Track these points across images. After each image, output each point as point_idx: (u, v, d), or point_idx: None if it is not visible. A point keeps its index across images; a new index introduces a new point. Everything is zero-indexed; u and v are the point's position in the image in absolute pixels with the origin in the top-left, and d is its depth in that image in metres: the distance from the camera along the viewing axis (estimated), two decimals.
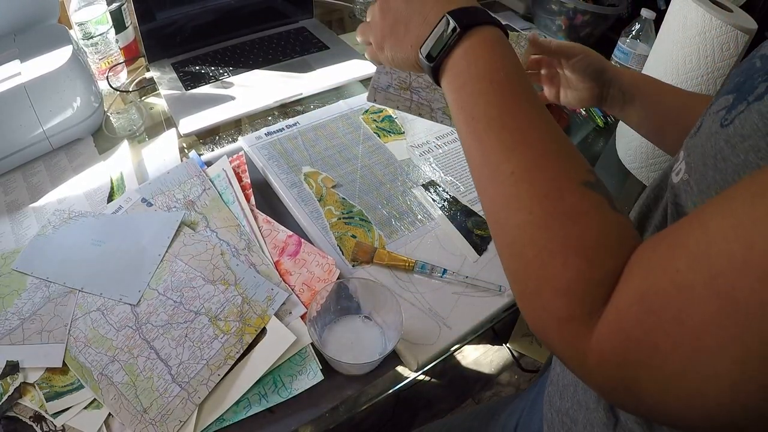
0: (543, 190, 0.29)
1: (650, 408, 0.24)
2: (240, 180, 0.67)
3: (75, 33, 0.80)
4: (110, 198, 0.66)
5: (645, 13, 0.87)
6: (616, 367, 0.24)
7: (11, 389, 0.47)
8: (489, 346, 1.45)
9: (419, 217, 0.66)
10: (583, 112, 0.90)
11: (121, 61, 0.87)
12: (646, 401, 0.23)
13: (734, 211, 0.21)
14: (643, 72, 0.75)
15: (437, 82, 0.38)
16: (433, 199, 0.68)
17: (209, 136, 0.78)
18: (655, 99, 0.55)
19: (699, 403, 0.21)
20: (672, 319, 0.22)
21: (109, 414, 0.47)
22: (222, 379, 0.49)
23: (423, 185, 0.70)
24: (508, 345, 1.43)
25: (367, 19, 0.46)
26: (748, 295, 0.20)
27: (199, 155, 0.72)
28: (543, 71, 0.63)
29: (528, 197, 0.30)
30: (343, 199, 0.67)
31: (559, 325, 0.27)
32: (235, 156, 0.70)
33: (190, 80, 0.85)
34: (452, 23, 0.35)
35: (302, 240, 0.61)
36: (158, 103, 0.84)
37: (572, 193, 0.29)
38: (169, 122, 0.80)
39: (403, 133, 0.78)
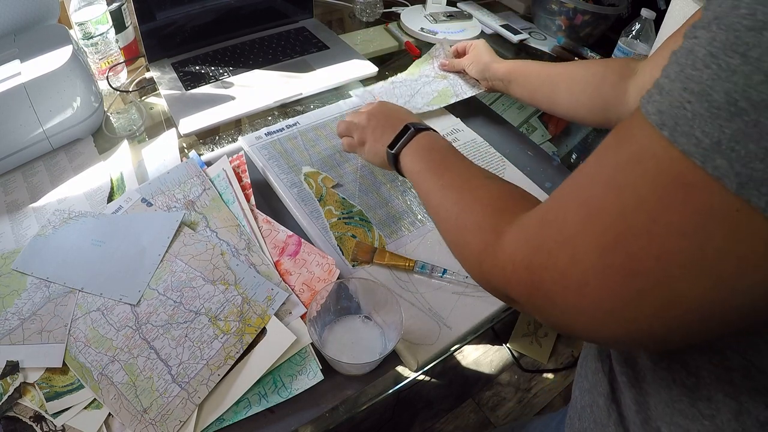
0: (458, 185, 0.45)
1: (558, 310, 0.29)
2: (240, 180, 0.67)
3: (75, 33, 0.80)
4: (110, 198, 0.66)
5: (645, 13, 0.87)
6: (525, 270, 0.30)
7: (11, 389, 0.47)
8: (489, 346, 1.45)
9: (419, 217, 0.66)
10: None
11: (121, 61, 0.87)
12: (553, 300, 0.29)
13: (599, 147, 0.28)
14: None
15: (396, 167, 0.56)
16: None
17: (209, 136, 0.78)
18: (523, 81, 0.74)
19: (583, 292, 0.27)
20: (558, 227, 0.28)
21: (109, 414, 0.47)
22: (222, 379, 0.49)
23: None
24: (508, 345, 1.43)
25: (352, 120, 0.65)
26: (598, 200, 0.26)
27: (199, 155, 0.72)
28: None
29: (452, 194, 0.44)
30: (343, 199, 0.67)
31: (483, 254, 0.35)
32: (235, 156, 0.70)
33: (190, 80, 0.85)
34: (411, 129, 0.55)
35: (302, 240, 0.61)
36: (158, 103, 0.84)
37: (476, 181, 0.44)
38: (169, 122, 0.80)
39: None
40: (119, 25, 0.86)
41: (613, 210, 0.25)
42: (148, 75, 0.88)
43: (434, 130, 0.56)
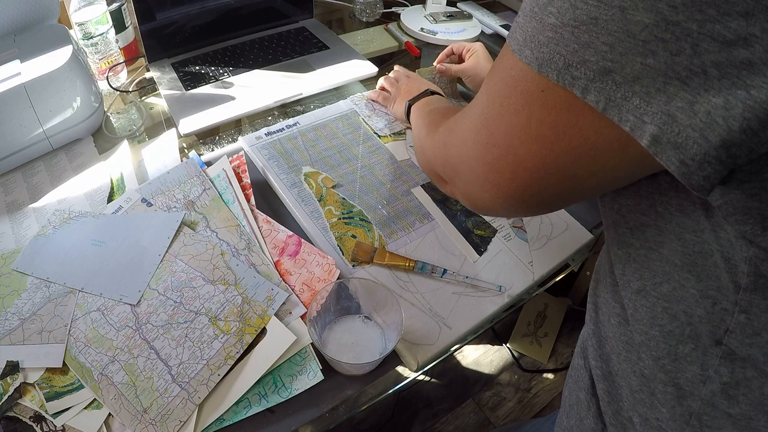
0: (436, 113, 0.56)
1: (461, 182, 0.38)
2: (240, 180, 0.67)
3: (75, 33, 0.80)
4: (110, 198, 0.66)
5: None
6: (443, 147, 0.41)
7: (11, 389, 0.47)
8: (489, 346, 1.45)
9: (419, 217, 0.66)
10: None
11: (121, 61, 0.87)
12: (457, 172, 0.38)
13: None
14: None
15: (407, 115, 0.72)
16: (433, 199, 0.68)
17: (209, 136, 0.78)
18: None
19: (468, 164, 0.36)
20: (463, 118, 0.38)
21: (109, 414, 0.47)
22: (222, 379, 0.49)
23: (423, 185, 0.70)
24: (508, 345, 1.43)
25: (395, 77, 0.81)
26: (479, 99, 0.35)
27: (199, 155, 0.72)
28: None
29: (429, 119, 0.55)
30: (343, 199, 0.67)
31: (426, 140, 0.48)
32: (235, 156, 0.70)
33: (190, 80, 0.85)
34: (428, 91, 0.72)
35: (302, 240, 0.61)
36: (158, 103, 0.84)
37: (450, 110, 0.58)
38: (169, 122, 0.80)
39: (404, 133, 0.78)
40: (119, 25, 0.86)
41: (484, 102, 0.34)
42: (148, 75, 0.88)
43: (439, 94, 0.73)
